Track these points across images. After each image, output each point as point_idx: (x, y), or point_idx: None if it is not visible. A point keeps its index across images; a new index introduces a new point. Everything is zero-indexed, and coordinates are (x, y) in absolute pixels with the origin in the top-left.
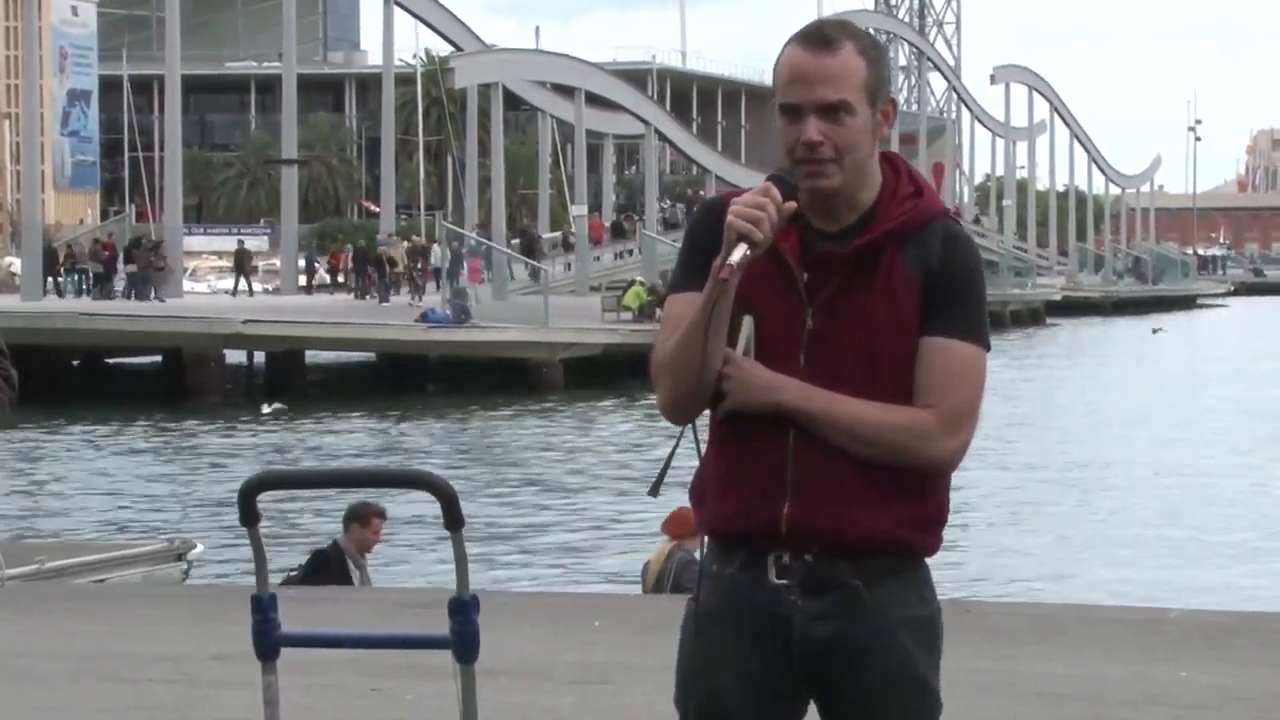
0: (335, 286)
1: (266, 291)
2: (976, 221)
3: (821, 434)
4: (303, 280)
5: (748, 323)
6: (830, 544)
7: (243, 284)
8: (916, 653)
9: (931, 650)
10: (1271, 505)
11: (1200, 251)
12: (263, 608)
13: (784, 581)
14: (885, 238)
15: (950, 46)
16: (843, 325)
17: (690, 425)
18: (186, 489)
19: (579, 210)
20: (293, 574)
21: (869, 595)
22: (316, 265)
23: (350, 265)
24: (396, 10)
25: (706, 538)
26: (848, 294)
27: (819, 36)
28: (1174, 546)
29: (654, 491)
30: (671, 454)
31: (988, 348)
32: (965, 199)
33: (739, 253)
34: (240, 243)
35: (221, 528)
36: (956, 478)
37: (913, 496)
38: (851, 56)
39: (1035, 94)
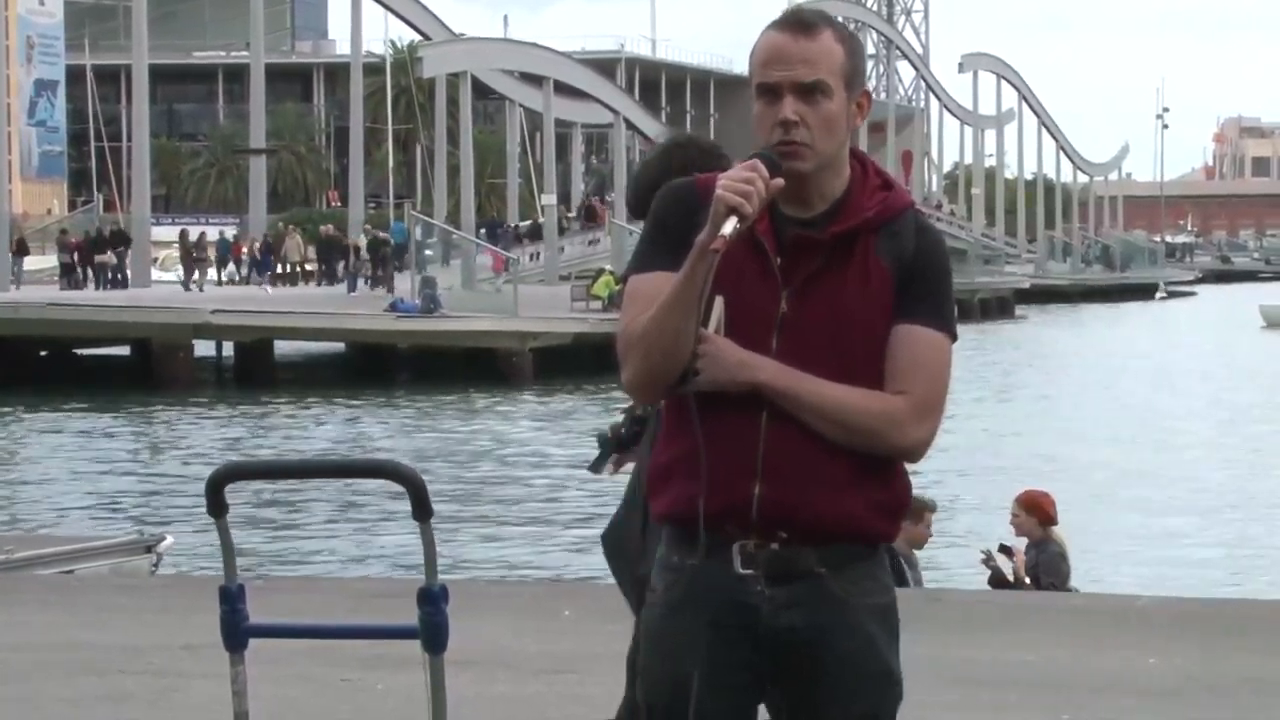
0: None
1: (232, 282)
2: (952, 213)
3: (795, 415)
4: (211, 274)
5: (719, 303)
6: (801, 527)
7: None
8: (879, 639)
9: (892, 636)
10: (1239, 492)
11: (1168, 239)
12: (231, 599)
13: (749, 571)
14: (863, 226)
15: (918, 34)
16: (816, 310)
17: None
18: (156, 480)
19: (548, 199)
20: None
21: (834, 583)
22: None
23: (366, 255)
24: None
25: (664, 526)
26: (822, 279)
27: (798, 20)
28: (1142, 533)
29: (595, 468)
30: (617, 435)
31: (955, 338)
32: (934, 187)
33: (729, 225)
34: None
35: (191, 518)
36: (932, 463)
37: (881, 482)
38: (830, 42)
39: (1003, 82)
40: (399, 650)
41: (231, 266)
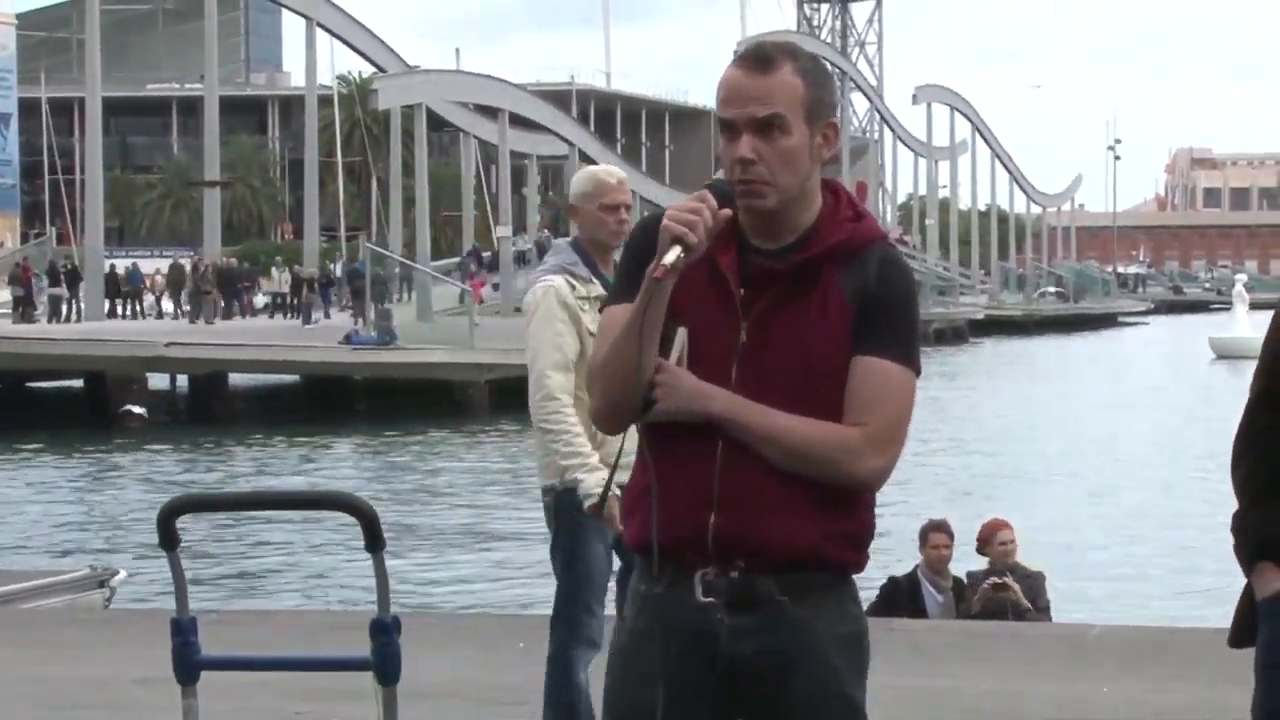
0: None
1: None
2: (912, 246)
3: (748, 445)
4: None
5: (681, 334)
6: (756, 556)
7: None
8: (843, 669)
9: (858, 666)
10: (1192, 523)
11: (1120, 270)
12: (183, 631)
13: (710, 599)
14: (823, 256)
15: (872, 67)
16: (775, 341)
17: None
18: (109, 513)
19: (503, 231)
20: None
21: (795, 611)
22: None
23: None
24: (319, 32)
25: (635, 555)
26: (782, 310)
27: (756, 54)
28: (1095, 563)
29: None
30: (614, 467)
31: (918, 371)
32: (888, 218)
33: (672, 254)
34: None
35: (145, 552)
36: (883, 494)
37: (839, 512)
38: (788, 75)
39: (956, 114)
40: (352, 682)
41: (150, 299)
